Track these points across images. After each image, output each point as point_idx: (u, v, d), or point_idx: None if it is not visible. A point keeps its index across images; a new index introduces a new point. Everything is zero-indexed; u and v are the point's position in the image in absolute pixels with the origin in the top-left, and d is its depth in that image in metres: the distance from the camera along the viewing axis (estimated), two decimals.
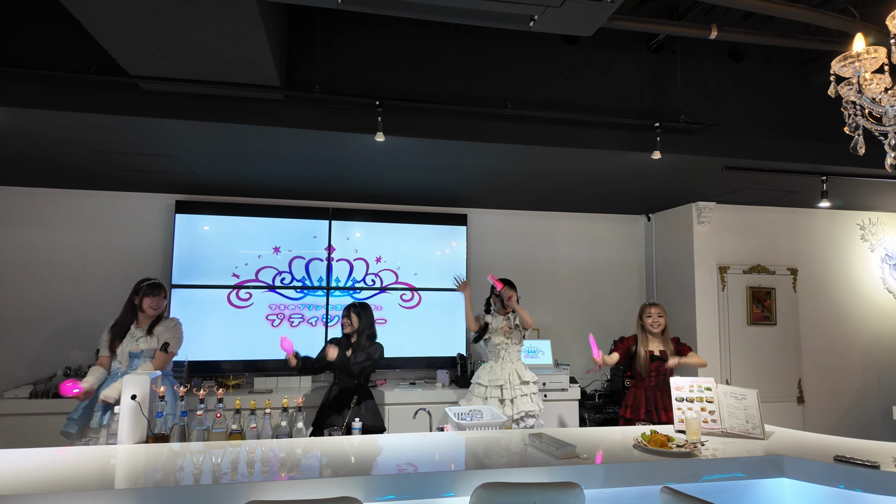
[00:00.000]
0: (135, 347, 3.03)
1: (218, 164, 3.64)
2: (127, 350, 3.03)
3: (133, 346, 3.03)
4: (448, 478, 2.07)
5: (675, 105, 3.30)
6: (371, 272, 4.82)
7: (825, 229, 5.10)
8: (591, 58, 3.28)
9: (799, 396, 4.84)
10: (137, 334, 3.06)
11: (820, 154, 3.53)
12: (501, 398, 3.65)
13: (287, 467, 2.09)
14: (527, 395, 3.67)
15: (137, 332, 3.07)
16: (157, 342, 3.06)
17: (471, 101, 3.04)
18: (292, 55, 2.86)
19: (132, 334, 3.06)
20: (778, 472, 2.37)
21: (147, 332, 3.06)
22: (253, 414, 2.61)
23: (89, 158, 3.49)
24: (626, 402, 3.45)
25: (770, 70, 3.52)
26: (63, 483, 1.85)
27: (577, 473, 2.16)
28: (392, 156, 3.36)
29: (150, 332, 3.07)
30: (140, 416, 2.49)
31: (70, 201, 4.42)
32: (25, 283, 4.31)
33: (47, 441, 3.61)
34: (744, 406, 2.76)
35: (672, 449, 2.37)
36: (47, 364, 4.22)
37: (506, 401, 3.63)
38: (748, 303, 4.79)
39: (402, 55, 3.04)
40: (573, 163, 3.52)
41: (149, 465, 2.09)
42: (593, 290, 5.32)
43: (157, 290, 3.11)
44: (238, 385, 4.36)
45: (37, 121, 2.79)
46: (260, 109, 2.78)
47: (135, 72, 2.48)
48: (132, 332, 3.07)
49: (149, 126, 2.82)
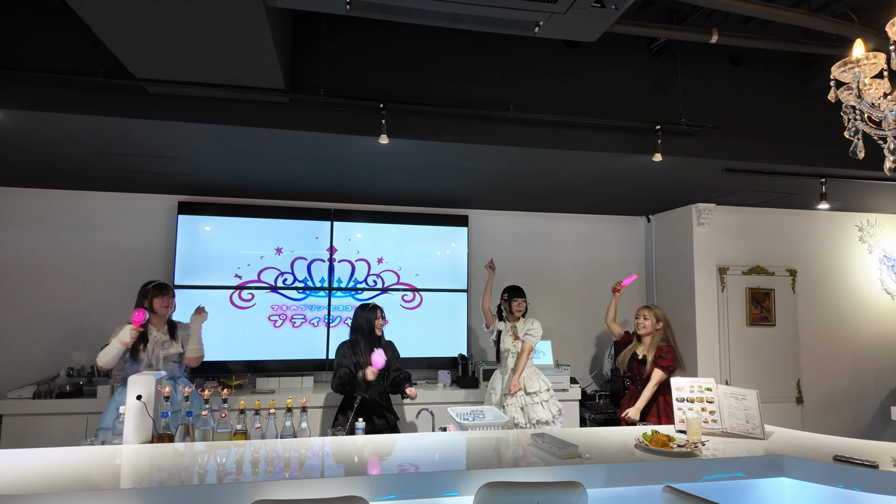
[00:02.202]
0: (165, 352, 3.08)
1: (221, 166, 3.66)
2: (160, 356, 3.07)
3: (163, 351, 3.08)
4: (451, 477, 2.09)
5: (676, 108, 3.33)
6: (373, 273, 4.84)
7: (824, 231, 5.13)
8: (593, 61, 3.31)
9: (798, 397, 4.87)
10: (161, 338, 3.10)
11: (818, 156, 3.56)
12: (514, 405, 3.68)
13: (292, 467, 2.11)
14: (538, 403, 3.67)
15: (160, 336, 3.10)
16: (181, 346, 3.14)
17: (474, 104, 3.06)
18: (296, 58, 2.88)
19: (155, 338, 3.09)
20: (778, 472, 2.39)
21: (171, 337, 3.12)
22: (257, 414, 2.63)
23: (93, 160, 3.51)
24: (622, 402, 3.54)
25: (769, 73, 3.55)
26: (70, 483, 1.86)
27: (580, 473, 2.17)
28: (395, 158, 3.38)
29: (172, 336, 3.13)
30: (145, 417, 2.51)
31: (73, 202, 4.44)
32: (28, 284, 4.32)
33: (50, 442, 3.64)
34: (744, 406, 2.78)
35: (673, 449, 2.39)
36: (51, 365, 4.24)
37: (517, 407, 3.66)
38: (747, 304, 4.81)
39: (405, 58, 3.07)
40: (575, 165, 3.55)
41: (154, 465, 2.11)
42: (593, 290, 5.35)
43: (164, 290, 3.14)
44: (240, 385, 4.38)
45: (43, 123, 2.81)
46: (265, 112, 2.80)
47: (141, 75, 2.50)
48: (155, 336, 3.09)
49: (154, 128, 2.84)
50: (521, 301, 3.80)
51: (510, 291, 3.84)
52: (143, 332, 3.09)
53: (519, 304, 3.78)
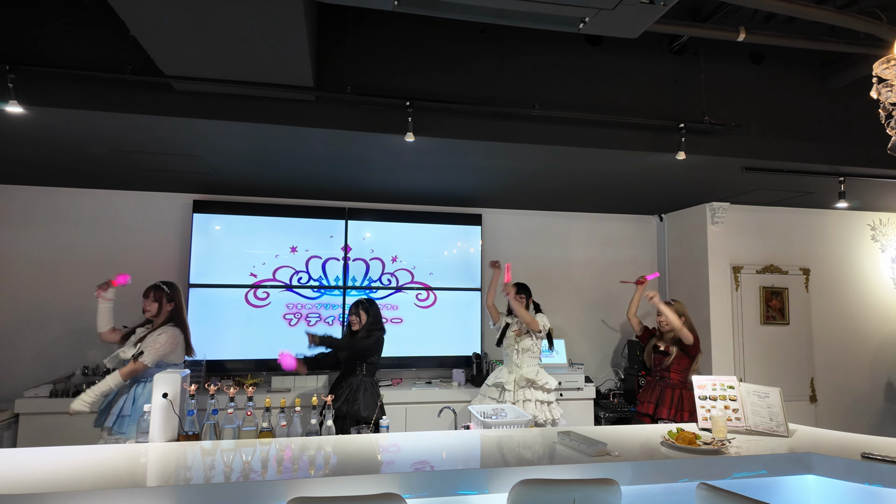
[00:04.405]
0: (125, 354, 3.01)
1: (240, 165, 3.65)
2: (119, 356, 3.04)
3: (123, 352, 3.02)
4: (482, 475, 2.09)
5: (697, 106, 3.33)
6: (387, 271, 4.84)
7: (837, 230, 5.13)
8: (614, 59, 3.31)
9: (811, 395, 4.87)
10: (136, 338, 3.05)
11: (838, 155, 3.57)
12: (500, 399, 3.60)
13: (323, 464, 2.11)
14: (530, 400, 3.59)
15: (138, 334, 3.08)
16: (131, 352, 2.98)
17: (498, 102, 3.06)
18: (321, 56, 2.88)
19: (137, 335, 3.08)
20: (805, 470, 2.40)
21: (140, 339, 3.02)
22: (282, 412, 2.63)
23: (112, 158, 3.51)
24: (640, 396, 3.63)
25: (790, 72, 3.56)
26: (98, 480, 1.86)
27: (610, 471, 2.18)
28: (417, 156, 3.38)
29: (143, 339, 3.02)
30: (171, 415, 2.50)
31: (88, 201, 4.43)
32: (44, 283, 4.31)
33: (67, 440, 3.63)
34: (767, 404, 2.79)
35: (700, 447, 2.40)
36: (66, 364, 4.23)
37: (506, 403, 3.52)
38: (761, 302, 4.82)
39: (429, 56, 3.06)
40: (597, 163, 3.55)
41: (181, 464, 2.10)
42: (606, 289, 5.35)
43: (147, 293, 3.12)
44: (256, 384, 4.37)
45: (69, 121, 2.80)
46: (291, 110, 2.79)
47: (170, 72, 2.49)
48: (138, 333, 3.09)
49: (180, 126, 2.84)
50: (522, 297, 3.76)
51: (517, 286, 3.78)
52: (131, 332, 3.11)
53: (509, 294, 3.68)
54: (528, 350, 3.72)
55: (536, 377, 3.65)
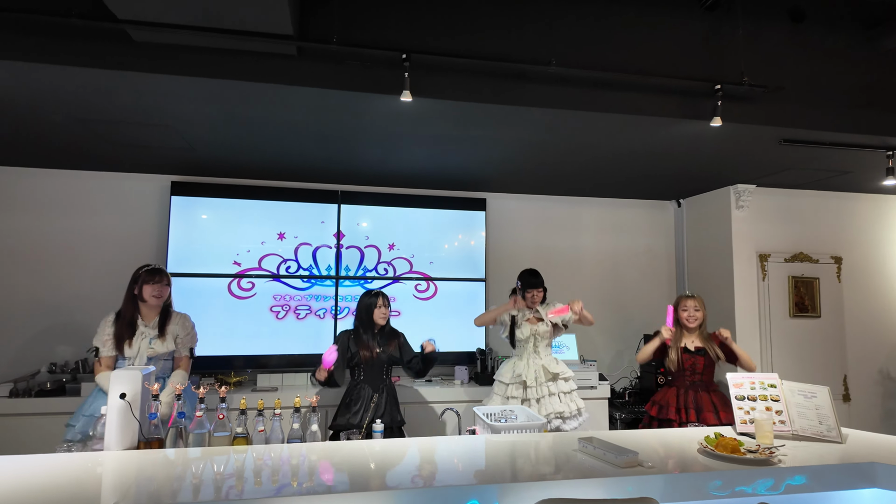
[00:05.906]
0: (151, 351, 2.71)
1: (219, 137, 3.28)
2: (145, 354, 2.71)
3: (149, 350, 2.71)
4: (491, 492, 1.75)
5: (731, 69, 2.95)
6: (383, 260, 4.48)
7: (870, 215, 4.77)
8: (640, 14, 2.93)
9: (844, 394, 4.52)
10: (148, 333, 2.73)
11: (886, 126, 3.19)
12: (525, 398, 3.26)
13: (304, 477, 1.76)
14: (555, 394, 3.28)
15: (148, 331, 2.74)
16: (172, 343, 2.78)
17: (507, 59, 2.67)
18: (305, 3, 2.50)
19: (142, 333, 2.72)
20: (869, 482, 2.06)
21: (159, 333, 2.75)
22: (261, 415, 2.28)
23: (76, 130, 3.14)
24: (655, 399, 3.20)
25: (833, 32, 3.18)
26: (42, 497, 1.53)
27: (642, 485, 1.83)
28: (415, 125, 3.00)
29: (161, 331, 2.75)
30: (130, 419, 2.15)
31: (56, 183, 4.07)
32: (8, 272, 3.95)
33: (28, 444, 3.26)
34: (815, 405, 2.47)
35: (746, 455, 2.05)
36: (31, 360, 3.87)
37: (530, 401, 3.23)
38: (790, 293, 4.45)
39: (430, 7, 2.67)
40: (619, 133, 3.15)
41: (141, 475, 1.75)
42: (619, 280, 5.00)
43: (157, 276, 2.75)
44: (240, 382, 4.02)
45: (9, 75, 2.41)
46: (269, 65, 2.41)
47: (124, 15, 2.12)
48: (141, 331, 2.73)
49: (141, 84, 2.45)
50: (537, 293, 3.37)
51: (524, 280, 3.37)
52: (132, 323, 2.74)
53: (534, 297, 3.36)
54: (545, 338, 3.38)
55: (558, 367, 3.34)
